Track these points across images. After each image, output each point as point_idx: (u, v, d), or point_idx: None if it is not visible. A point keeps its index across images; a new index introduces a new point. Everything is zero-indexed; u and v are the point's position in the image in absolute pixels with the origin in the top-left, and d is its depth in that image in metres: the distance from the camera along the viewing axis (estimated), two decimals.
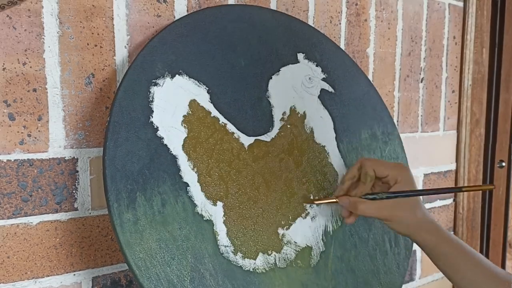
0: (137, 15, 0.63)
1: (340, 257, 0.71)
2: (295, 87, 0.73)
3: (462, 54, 1.13)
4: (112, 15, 0.61)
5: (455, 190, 0.59)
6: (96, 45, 0.60)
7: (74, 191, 0.60)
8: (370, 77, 0.93)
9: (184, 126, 0.60)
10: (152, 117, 0.57)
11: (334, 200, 0.67)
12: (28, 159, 0.57)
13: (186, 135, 0.60)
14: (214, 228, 0.59)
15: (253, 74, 0.68)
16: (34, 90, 0.57)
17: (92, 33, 0.60)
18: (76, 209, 0.61)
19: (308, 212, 0.69)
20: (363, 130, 0.79)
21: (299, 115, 0.72)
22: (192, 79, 0.62)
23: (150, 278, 0.52)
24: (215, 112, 0.63)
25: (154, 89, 0.58)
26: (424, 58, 1.04)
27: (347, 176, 0.67)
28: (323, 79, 0.76)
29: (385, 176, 0.65)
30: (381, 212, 0.63)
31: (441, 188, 0.62)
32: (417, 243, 0.66)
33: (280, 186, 0.67)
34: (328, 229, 0.71)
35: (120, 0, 0.62)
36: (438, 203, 1.12)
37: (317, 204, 0.69)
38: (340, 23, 0.87)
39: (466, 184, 1.17)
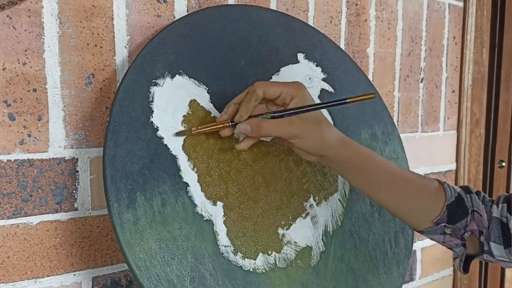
0: (137, 15, 0.63)
1: (340, 257, 0.71)
2: None
3: (462, 54, 1.13)
4: (112, 15, 0.61)
5: (341, 102, 0.56)
6: (96, 45, 0.60)
7: (74, 191, 0.60)
8: (370, 77, 0.93)
9: (184, 126, 0.60)
10: (152, 117, 0.57)
11: (220, 125, 0.58)
12: (28, 159, 0.57)
13: (186, 135, 0.60)
14: (214, 228, 0.59)
15: (253, 74, 0.68)
16: (34, 90, 0.57)
17: (92, 33, 0.60)
18: (76, 209, 0.61)
19: (308, 212, 0.69)
20: (363, 130, 0.79)
21: None
22: (192, 79, 0.62)
23: (150, 278, 0.52)
24: (215, 112, 0.63)
25: (154, 89, 0.58)
26: (424, 58, 1.04)
27: (233, 101, 0.59)
28: (323, 79, 0.76)
29: (278, 96, 0.58)
30: (288, 129, 0.57)
31: (329, 102, 0.60)
32: (330, 162, 0.62)
33: (280, 186, 0.67)
34: (328, 229, 0.71)
35: (120, 0, 0.62)
36: None
37: (194, 133, 0.59)
38: (340, 23, 0.87)
39: (465, 183, 1.17)
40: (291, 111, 0.58)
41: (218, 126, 0.59)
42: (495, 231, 0.62)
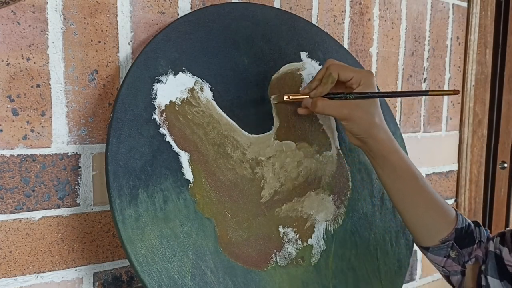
0: (141, 12, 0.63)
1: (341, 256, 0.71)
2: None
3: (466, 55, 1.13)
4: (116, 11, 0.61)
5: (422, 93, 0.66)
6: (100, 42, 0.60)
7: (76, 187, 0.61)
8: None
9: None
10: (154, 114, 0.58)
11: (306, 96, 0.66)
12: (31, 154, 0.57)
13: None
14: (215, 226, 0.60)
15: (256, 72, 0.68)
16: (38, 85, 0.57)
17: (96, 30, 0.60)
18: (78, 205, 0.61)
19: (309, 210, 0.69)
20: None
21: None
22: (195, 77, 0.62)
23: (151, 274, 0.52)
24: (218, 110, 0.63)
25: (157, 86, 0.58)
26: (427, 58, 1.04)
27: (316, 77, 0.65)
28: None
29: (349, 79, 0.63)
30: (341, 111, 0.62)
31: (406, 92, 0.63)
32: (369, 149, 0.65)
33: (282, 184, 0.67)
34: (329, 228, 0.71)
35: None
36: None
37: (287, 101, 0.67)
38: (343, 22, 0.87)
39: (467, 184, 1.17)
40: (364, 96, 0.62)
41: (303, 97, 0.66)
42: (491, 265, 0.64)
